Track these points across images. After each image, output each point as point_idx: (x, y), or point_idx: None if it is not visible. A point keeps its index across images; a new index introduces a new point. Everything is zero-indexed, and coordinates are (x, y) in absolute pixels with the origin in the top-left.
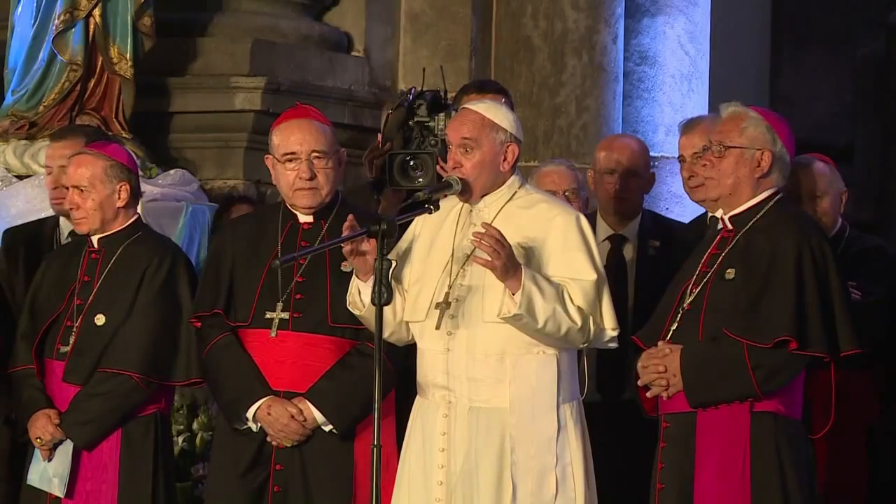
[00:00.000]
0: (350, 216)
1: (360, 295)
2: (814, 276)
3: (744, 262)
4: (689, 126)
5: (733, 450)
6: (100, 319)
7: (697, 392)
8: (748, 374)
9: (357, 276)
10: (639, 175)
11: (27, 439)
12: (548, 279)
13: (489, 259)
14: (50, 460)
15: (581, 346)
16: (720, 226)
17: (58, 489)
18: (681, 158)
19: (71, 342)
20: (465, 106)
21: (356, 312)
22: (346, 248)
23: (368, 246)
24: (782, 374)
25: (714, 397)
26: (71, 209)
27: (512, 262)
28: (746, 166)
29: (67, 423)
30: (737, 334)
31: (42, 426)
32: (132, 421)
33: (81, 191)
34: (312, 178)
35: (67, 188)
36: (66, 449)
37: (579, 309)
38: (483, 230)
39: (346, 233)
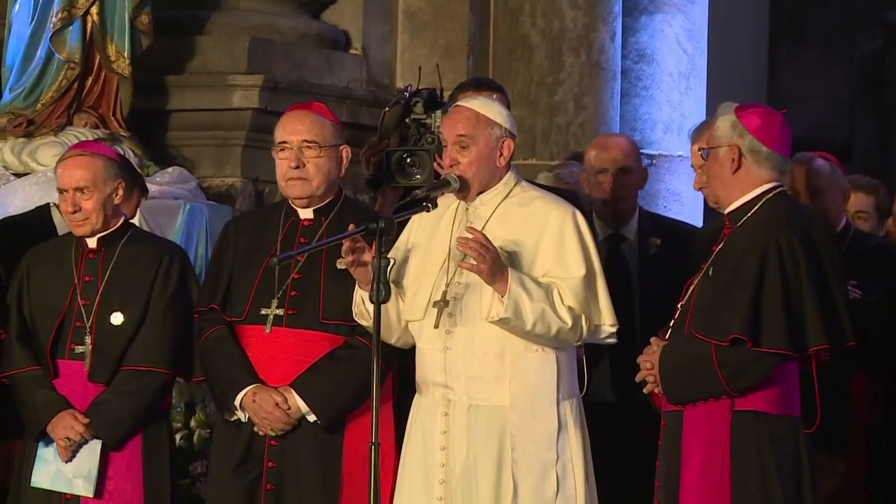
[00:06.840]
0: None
1: (364, 305)
2: (778, 272)
3: (720, 259)
4: (692, 135)
5: (714, 449)
6: (116, 318)
7: (673, 390)
8: (716, 372)
9: (360, 286)
10: (632, 171)
11: (28, 440)
12: (536, 280)
13: (475, 264)
14: (68, 461)
15: (574, 344)
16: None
17: (84, 489)
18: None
19: (88, 342)
20: (459, 103)
21: (364, 323)
22: (348, 259)
23: (370, 256)
24: (750, 373)
25: (688, 395)
26: (74, 212)
27: (498, 266)
28: (724, 165)
29: (98, 423)
30: (700, 333)
31: (69, 426)
32: (150, 418)
33: (82, 192)
34: (299, 166)
35: (63, 192)
36: (93, 448)
37: (570, 308)
38: (469, 235)
39: (346, 244)
